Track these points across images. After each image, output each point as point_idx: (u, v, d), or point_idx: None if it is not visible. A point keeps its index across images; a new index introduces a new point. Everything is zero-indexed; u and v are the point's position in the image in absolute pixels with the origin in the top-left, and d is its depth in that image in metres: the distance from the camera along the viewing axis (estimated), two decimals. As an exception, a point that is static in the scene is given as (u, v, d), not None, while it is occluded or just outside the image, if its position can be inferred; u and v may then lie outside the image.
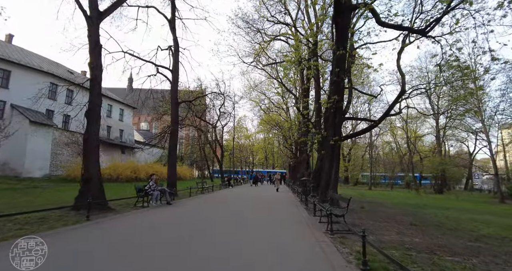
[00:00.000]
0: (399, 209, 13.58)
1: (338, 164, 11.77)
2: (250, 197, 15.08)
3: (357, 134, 23.12)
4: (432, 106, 37.26)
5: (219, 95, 25.38)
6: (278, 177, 22.87)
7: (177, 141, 14.67)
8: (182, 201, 11.93)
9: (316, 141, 15.32)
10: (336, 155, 11.48)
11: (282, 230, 6.39)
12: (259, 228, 6.56)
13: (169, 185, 13.79)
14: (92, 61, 8.65)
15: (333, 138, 11.22)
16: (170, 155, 14.31)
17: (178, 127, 14.88)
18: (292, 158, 32.03)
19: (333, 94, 11.23)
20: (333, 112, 11.34)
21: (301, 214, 9.06)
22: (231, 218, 7.88)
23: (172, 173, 14.07)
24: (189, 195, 14.10)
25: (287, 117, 30.66)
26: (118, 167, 26.68)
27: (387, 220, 8.77)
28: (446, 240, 6.11)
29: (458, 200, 24.96)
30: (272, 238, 5.50)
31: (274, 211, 9.73)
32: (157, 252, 4.27)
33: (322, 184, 11.48)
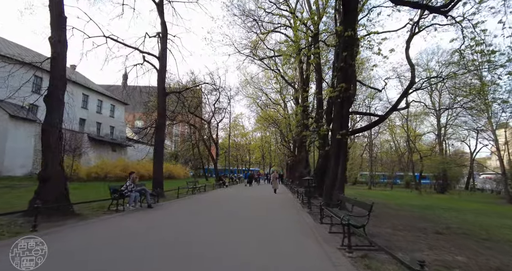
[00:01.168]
0: (407, 211, 12.17)
1: (345, 161, 10.33)
2: (244, 198, 13.44)
3: (365, 129, 21.06)
4: (433, 103, 36.08)
5: (214, 90, 23.84)
6: (276, 175, 19.93)
7: (164, 136, 13.11)
8: (166, 204, 10.37)
9: (318, 136, 13.86)
10: (343, 151, 10.02)
11: (284, 246, 4.85)
12: (253, 243, 5.05)
13: (155, 185, 12.24)
14: (53, 35, 7.05)
15: (340, 131, 9.76)
16: (156, 151, 12.73)
17: (166, 121, 13.29)
18: (290, 156, 30.60)
19: (340, 82, 9.75)
20: (340, 102, 9.87)
21: (305, 220, 7.55)
22: (219, 228, 6.37)
23: (158, 171, 12.50)
24: (177, 196, 12.55)
25: (285, 114, 29.19)
26: (107, 165, 25.01)
27: (407, 227, 7.31)
28: (496, 259, 4.67)
29: (461, 200, 23.74)
30: (270, 259, 3.99)
31: (273, 217, 8.18)
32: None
33: (327, 183, 10.01)
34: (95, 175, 23.59)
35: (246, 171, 44.08)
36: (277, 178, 19.04)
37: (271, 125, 34.11)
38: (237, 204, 10.87)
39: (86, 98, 29.75)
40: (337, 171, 9.83)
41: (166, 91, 13.35)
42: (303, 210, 9.63)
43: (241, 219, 7.48)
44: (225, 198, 13.24)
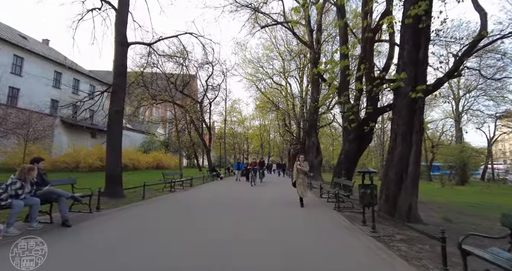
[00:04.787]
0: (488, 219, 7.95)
1: (421, 138, 5.96)
2: (244, 202, 8.24)
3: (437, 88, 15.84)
4: (450, 86, 31.74)
5: (206, 63, 19.15)
6: (304, 167, 7.51)
7: (123, 104, 8.55)
8: (111, 214, 5.85)
9: (370, 102, 9.49)
10: (419, 122, 5.59)
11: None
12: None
13: (110, 181, 7.81)
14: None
15: (414, 85, 5.36)
16: (109, 129, 8.18)
17: (126, 82, 8.64)
18: (294, 143, 26.23)
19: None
20: (416, 31, 5.40)
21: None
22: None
23: (114, 160, 7.98)
24: (142, 197, 8.11)
25: (287, 93, 24.67)
26: (79, 154, 20.42)
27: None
28: None
29: (499, 193, 19.77)
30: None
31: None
32: None
33: (390, 178, 5.65)
34: (64, 165, 19.09)
35: (239, 159, 38.45)
36: (305, 170, 7.55)
37: (271, 110, 29.55)
38: (233, 214, 6.50)
39: (58, 76, 24.90)
40: (408, 156, 5.47)
41: (128, 41, 8.70)
42: (371, 243, 4.31)
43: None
44: (211, 202, 8.02)
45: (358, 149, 10.36)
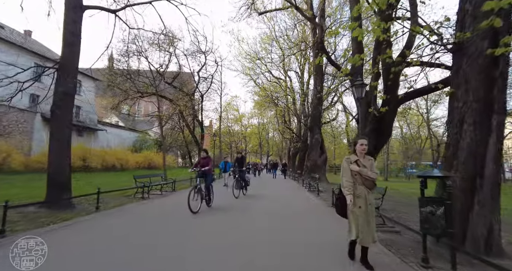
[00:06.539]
0: None
1: (504, 123, 3.87)
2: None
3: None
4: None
5: (197, 52, 17.17)
6: (370, 168, 3.33)
7: (74, 85, 6.52)
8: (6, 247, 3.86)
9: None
10: (501, 94, 3.53)
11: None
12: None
13: (52, 185, 5.76)
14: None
15: (493, 38, 3.30)
16: (54, 116, 6.07)
17: (78, 56, 6.52)
18: (295, 141, 24.21)
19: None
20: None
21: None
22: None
23: (59, 158, 5.93)
24: (96, 207, 6.03)
25: (286, 87, 22.66)
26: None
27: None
28: None
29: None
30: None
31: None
32: None
33: (453, 185, 3.61)
34: (37, 166, 16.97)
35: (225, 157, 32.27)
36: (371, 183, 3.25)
37: (270, 107, 27.49)
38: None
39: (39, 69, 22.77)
40: (483, 153, 3.43)
41: (84, 4, 6.63)
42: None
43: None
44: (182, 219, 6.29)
45: (375, 145, 8.29)
